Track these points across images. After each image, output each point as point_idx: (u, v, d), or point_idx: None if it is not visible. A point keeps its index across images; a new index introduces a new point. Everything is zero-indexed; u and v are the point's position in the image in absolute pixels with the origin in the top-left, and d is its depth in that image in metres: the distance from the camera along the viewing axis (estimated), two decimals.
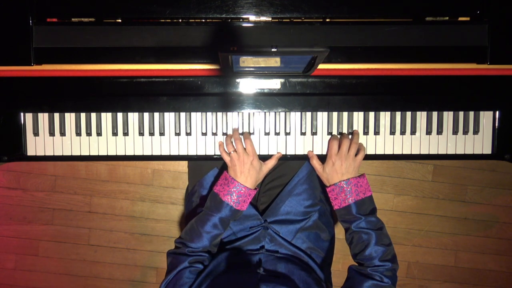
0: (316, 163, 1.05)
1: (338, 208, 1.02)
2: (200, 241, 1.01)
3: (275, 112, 1.08)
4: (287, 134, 1.09)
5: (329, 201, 1.06)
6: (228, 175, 1.03)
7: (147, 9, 1.00)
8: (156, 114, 1.07)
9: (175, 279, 0.95)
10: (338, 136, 1.08)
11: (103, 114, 1.07)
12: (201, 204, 1.15)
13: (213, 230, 1.01)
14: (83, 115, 1.07)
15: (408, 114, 1.09)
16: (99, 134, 1.07)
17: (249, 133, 1.08)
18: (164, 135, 1.08)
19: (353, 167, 1.02)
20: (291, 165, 1.21)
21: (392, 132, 1.09)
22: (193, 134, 1.08)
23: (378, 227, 1.00)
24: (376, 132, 1.08)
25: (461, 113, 1.09)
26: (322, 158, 1.07)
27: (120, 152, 1.08)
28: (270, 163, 1.07)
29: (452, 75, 1.04)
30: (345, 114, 1.08)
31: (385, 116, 1.09)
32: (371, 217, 1.00)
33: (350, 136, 1.07)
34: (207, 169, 1.19)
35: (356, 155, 1.03)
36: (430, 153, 1.10)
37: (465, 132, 1.09)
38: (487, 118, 1.09)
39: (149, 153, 1.09)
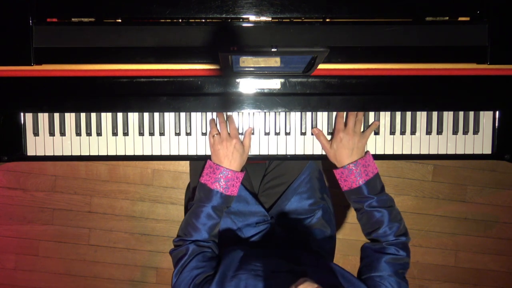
0: (323, 140, 1.05)
1: (348, 190, 1.02)
2: (199, 234, 1.00)
3: (275, 112, 1.08)
4: (287, 134, 1.09)
5: (332, 196, 1.05)
6: (212, 163, 1.02)
7: (147, 9, 0.99)
8: (156, 114, 1.07)
9: (189, 265, 0.92)
10: (344, 112, 1.07)
11: (103, 114, 1.07)
12: None
13: (209, 221, 1.00)
14: (83, 115, 1.07)
15: (408, 114, 1.09)
16: (99, 134, 1.07)
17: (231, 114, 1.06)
18: (164, 135, 1.08)
19: (361, 144, 1.02)
20: (289, 165, 1.21)
21: (392, 132, 1.09)
22: (193, 134, 1.08)
23: (389, 204, 1.00)
24: (376, 132, 1.08)
25: (461, 113, 1.09)
26: (323, 159, 1.07)
27: (120, 152, 1.08)
28: (247, 142, 1.05)
29: (452, 75, 1.04)
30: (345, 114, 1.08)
31: (385, 116, 1.09)
32: (382, 195, 1.00)
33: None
34: None
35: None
36: (430, 153, 1.10)
37: (465, 132, 1.09)
38: (487, 118, 1.09)
39: (149, 153, 1.08)
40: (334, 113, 1.08)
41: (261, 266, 0.89)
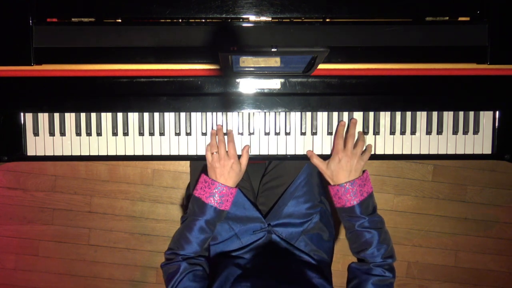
0: (317, 161, 1.05)
1: (341, 207, 1.02)
2: (191, 247, 1.01)
3: (275, 112, 1.08)
4: (287, 134, 1.09)
5: (329, 199, 1.06)
6: (207, 178, 1.03)
7: (147, 9, 1.00)
8: (156, 114, 1.07)
9: (180, 284, 0.95)
10: (344, 132, 1.07)
11: (103, 114, 1.07)
12: None
13: (201, 235, 1.02)
14: (83, 115, 1.07)
15: (408, 114, 1.09)
16: (99, 134, 1.07)
17: (232, 132, 1.07)
18: (164, 135, 1.08)
19: (360, 166, 1.02)
20: (289, 165, 1.21)
21: (392, 132, 1.09)
22: (193, 134, 1.08)
23: (380, 226, 1.01)
24: (376, 132, 1.08)
25: (461, 113, 1.09)
26: (323, 158, 1.07)
27: (120, 152, 1.08)
28: (244, 161, 1.06)
29: (452, 75, 1.04)
30: (345, 114, 1.08)
31: (385, 116, 1.09)
32: (374, 216, 1.01)
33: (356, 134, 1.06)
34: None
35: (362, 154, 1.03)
36: (430, 153, 1.10)
37: (465, 132, 1.09)
38: (487, 118, 1.09)
39: (149, 153, 1.09)
40: (335, 113, 1.08)
41: (250, 287, 0.91)
